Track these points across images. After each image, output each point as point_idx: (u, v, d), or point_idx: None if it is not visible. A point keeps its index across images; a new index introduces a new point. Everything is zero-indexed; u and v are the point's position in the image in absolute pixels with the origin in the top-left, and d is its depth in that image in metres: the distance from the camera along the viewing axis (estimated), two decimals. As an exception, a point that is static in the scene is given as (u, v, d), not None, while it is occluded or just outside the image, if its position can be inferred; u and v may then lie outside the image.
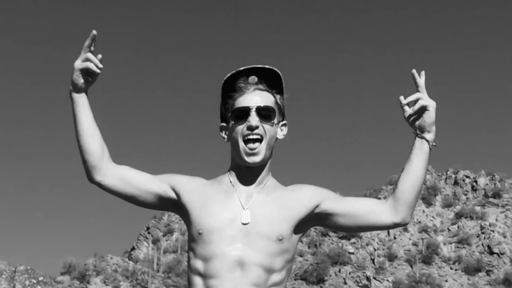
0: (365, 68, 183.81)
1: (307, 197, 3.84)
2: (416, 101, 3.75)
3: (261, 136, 3.73)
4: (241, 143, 3.72)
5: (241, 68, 3.85)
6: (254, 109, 3.72)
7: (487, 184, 73.04)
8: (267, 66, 3.89)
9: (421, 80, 3.80)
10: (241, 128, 3.73)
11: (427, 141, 3.76)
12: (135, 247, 65.84)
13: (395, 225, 3.80)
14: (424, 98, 3.75)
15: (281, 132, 3.93)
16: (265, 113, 3.76)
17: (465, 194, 72.36)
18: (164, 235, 65.59)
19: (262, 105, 3.76)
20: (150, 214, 68.69)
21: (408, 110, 3.79)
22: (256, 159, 3.72)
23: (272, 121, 3.79)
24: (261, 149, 3.73)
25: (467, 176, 73.76)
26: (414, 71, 3.80)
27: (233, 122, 3.80)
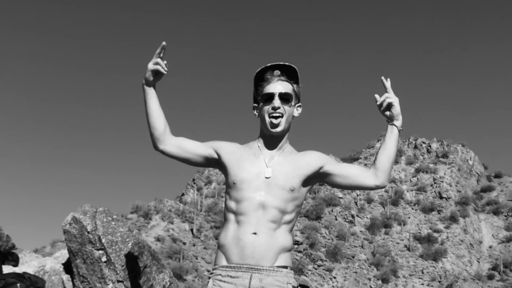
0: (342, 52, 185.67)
1: (314, 160, 4.32)
2: (385, 99, 4.26)
3: (282, 114, 4.20)
4: (267, 118, 4.20)
5: (268, 64, 4.34)
6: (277, 95, 4.20)
7: (438, 148, 75.85)
8: (287, 63, 4.36)
9: (387, 83, 4.29)
10: (268, 108, 4.20)
11: (396, 126, 4.29)
12: (184, 193, 67.79)
13: (376, 187, 4.30)
14: (390, 97, 4.27)
15: (296, 112, 4.37)
16: (285, 97, 4.23)
17: (422, 155, 75.01)
18: (205, 185, 66.99)
19: (283, 91, 4.22)
20: (195, 169, 69.91)
21: (381, 105, 4.29)
22: (278, 130, 4.20)
23: (290, 103, 4.26)
24: (282, 123, 4.19)
25: (423, 142, 76.60)
26: (382, 77, 4.38)
27: (262, 103, 4.27)
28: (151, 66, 4.17)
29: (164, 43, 4.11)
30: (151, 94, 4.27)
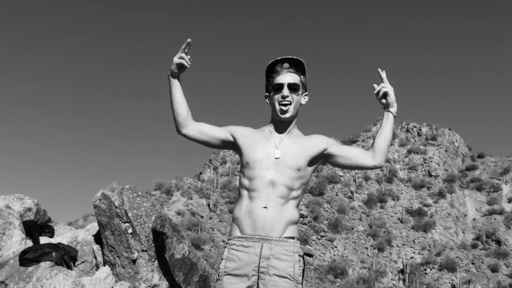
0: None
1: (319, 143, 4.37)
2: (382, 88, 4.32)
3: (290, 102, 4.27)
4: (277, 106, 4.27)
5: (278, 58, 4.34)
6: (286, 85, 4.26)
7: (427, 131, 75.65)
8: (295, 57, 4.34)
9: (383, 74, 4.33)
10: (278, 96, 4.27)
11: (391, 113, 4.33)
12: (202, 172, 68.28)
13: (374, 167, 4.38)
14: (386, 86, 4.32)
15: (303, 100, 4.44)
16: (293, 87, 4.28)
17: (413, 138, 74.82)
18: (220, 164, 67.34)
19: (291, 82, 4.28)
20: (211, 151, 70.30)
21: (377, 94, 4.35)
22: (287, 115, 4.28)
23: (297, 93, 4.32)
24: (290, 110, 4.27)
25: (414, 126, 76.37)
26: (379, 69, 4.36)
27: (273, 93, 4.32)
28: (176, 59, 4.24)
29: (189, 39, 4.18)
30: (176, 85, 4.34)
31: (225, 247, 4.30)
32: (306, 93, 4.44)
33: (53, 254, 5.56)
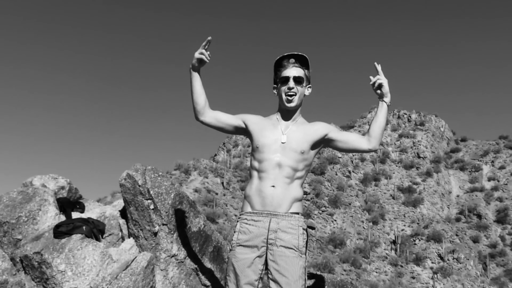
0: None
1: (320, 129, 4.39)
2: (377, 80, 4.34)
3: (295, 93, 4.30)
4: (284, 96, 4.31)
5: (285, 54, 4.37)
6: (291, 78, 4.29)
7: (416, 118, 75.64)
8: (300, 53, 4.36)
9: (378, 67, 4.35)
10: (284, 88, 4.31)
11: (385, 102, 4.36)
12: (216, 154, 68.04)
13: (369, 150, 4.40)
14: (381, 78, 4.34)
15: (307, 91, 4.45)
16: (298, 80, 4.31)
17: (404, 124, 74.98)
18: (233, 147, 67.26)
19: (296, 75, 4.30)
20: (225, 135, 70.44)
21: (373, 85, 4.36)
22: (292, 105, 4.32)
23: (302, 85, 4.34)
24: (295, 100, 4.31)
25: (405, 113, 76.56)
26: (375, 63, 4.37)
27: (280, 84, 4.35)
28: (197, 55, 4.27)
29: (209, 37, 4.22)
30: (196, 77, 4.36)
31: (237, 221, 4.38)
32: (310, 85, 4.47)
33: (84, 227, 5.59)
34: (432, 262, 46.36)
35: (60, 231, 5.47)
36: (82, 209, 6.43)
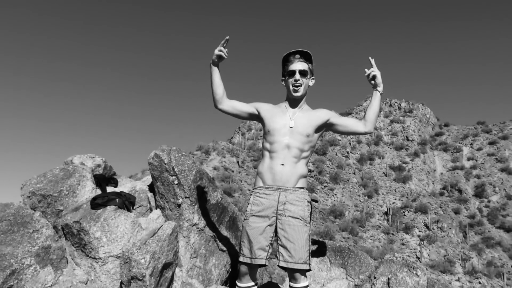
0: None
1: (323, 115, 4.42)
2: (371, 72, 4.40)
3: (301, 84, 4.32)
4: (291, 87, 4.33)
5: (291, 51, 4.35)
6: (297, 71, 4.31)
7: (405, 106, 75.88)
8: (304, 50, 4.35)
9: (372, 61, 4.38)
10: (291, 80, 4.33)
11: (379, 91, 4.39)
12: (233, 136, 68.32)
13: (365, 133, 4.43)
14: (375, 71, 4.38)
15: (311, 82, 4.45)
16: (303, 73, 4.32)
17: (395, 111, 75.11)
18: (247, 131, 67.28)
19: (301, 69, 4.32)
20: (240, 121, 71.03)
21: (368, 76, 4.41)
22: (298, 94, 4.34)
23: (306, 77, 4.35)
24: (300, 90, 4.33)
25: (396, 101, 76.56)
26: (370, 57, 4.37)
27: (287, 77, 4.37)
28: (216, 51, 4.30)
29: (227, 37, 4.25)
30: (215, 71, 4.39)
31: (251, 194, 4.44)
32: (313, 77, 4.49)
33: (117, 200, 5.61)
34: (419, 231, 46.41)
35: (96, 203, 5.48)
36: (115, 184, 6.41)
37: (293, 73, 4.35)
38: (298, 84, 4.34)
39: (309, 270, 4.22)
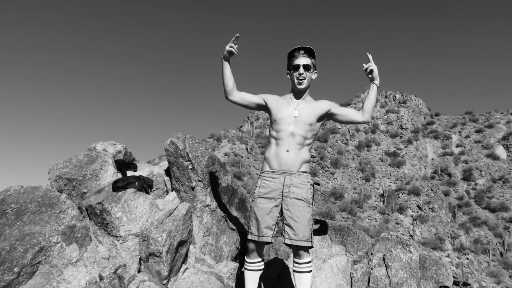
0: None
1: (325, 105, 4.40)
2: (368, 67, 4.35)
3: (304, 77, 4.31)
4: (295, 80, 4.33)
5: (296, 47, 4.31)
6: (301, 65, 4.30)
7: (400, 97, 75.61)
8: (308, 46, 4.33)
9: (370, 56, 4.32)
10: (296, 74, 4.32)
11: (375, 84, 4.37)
12: (242, 125, 68.61)
13: (363, 122, 4.40)
14: (372, 65, 4.33)
15: (314, 76, 4.43)
16: (306, 67, 4.31)
17: (390, 102, 74.85)
18: (255, 120, 67.41)
19: (305, 63, 4.30)
20: (249, 111, 70.87)
21: (365, 70, 4.37)
22: (302, 87, 4.32)
23: (310, 71, 4.33)
24: (304, 83, 4.32)
25: (391, 93, 76.26)
26: (367, 53, 4.31)
27: (292, 71, 4.36)
28: (227, 47, 4.28)
29: (237, 34, 4.20)
30: (226, 65, 4.36)
31: (258, 178, 4.47)
32: (316, 71, 4.46)
33: (136, 183, 5.60)
34: (412, 211, 46.22)
35: (117, 186, 5.46)
36: (135, 168, 6.39)
37: (297, 67, 4.34)
38: (302, 78, 4.33)
39: (312, 247, 4.26)
